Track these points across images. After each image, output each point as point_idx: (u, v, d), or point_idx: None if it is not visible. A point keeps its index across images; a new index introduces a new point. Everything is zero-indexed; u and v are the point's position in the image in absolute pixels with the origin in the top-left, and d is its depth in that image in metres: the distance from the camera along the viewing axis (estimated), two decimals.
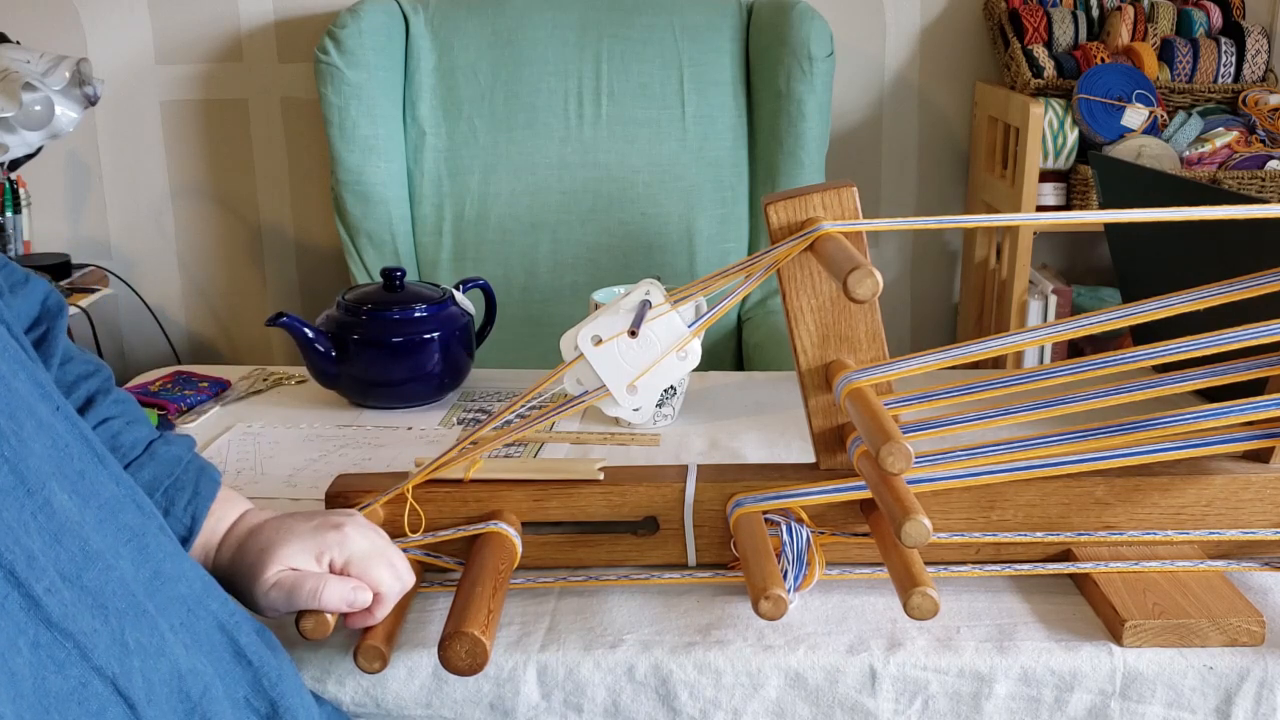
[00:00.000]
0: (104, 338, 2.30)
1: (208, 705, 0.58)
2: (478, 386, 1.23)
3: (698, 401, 1.16)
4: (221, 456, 1.06)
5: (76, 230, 2.30)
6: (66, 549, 0.55)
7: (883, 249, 2.36)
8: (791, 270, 0.78)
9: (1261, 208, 0.80)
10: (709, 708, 0.73)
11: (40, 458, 0.56)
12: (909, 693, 0.73)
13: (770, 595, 0.69)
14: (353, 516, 0.75)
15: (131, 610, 0.56)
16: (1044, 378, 0.76)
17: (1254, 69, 2.08)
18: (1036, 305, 2.06)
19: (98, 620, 0.54)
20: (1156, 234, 1.09)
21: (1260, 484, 0.79)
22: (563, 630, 0.76)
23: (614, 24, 1.96)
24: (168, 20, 2.20)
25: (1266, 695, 0.72)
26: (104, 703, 0.53)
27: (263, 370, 1.28)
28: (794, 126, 1.89)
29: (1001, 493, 0.79)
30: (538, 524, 0.82)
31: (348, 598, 0.71)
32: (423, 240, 1.95)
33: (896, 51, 2.24)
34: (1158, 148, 1.97)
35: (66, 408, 0.62)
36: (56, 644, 0.52)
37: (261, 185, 2.29)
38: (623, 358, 0.76)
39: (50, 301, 0.74)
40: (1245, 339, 0.73)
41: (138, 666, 0.55)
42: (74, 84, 1.76)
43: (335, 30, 1.87)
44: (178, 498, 0.73)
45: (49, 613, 0.52)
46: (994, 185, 2.13)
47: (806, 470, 0.82)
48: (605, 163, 1.94)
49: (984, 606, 0.78)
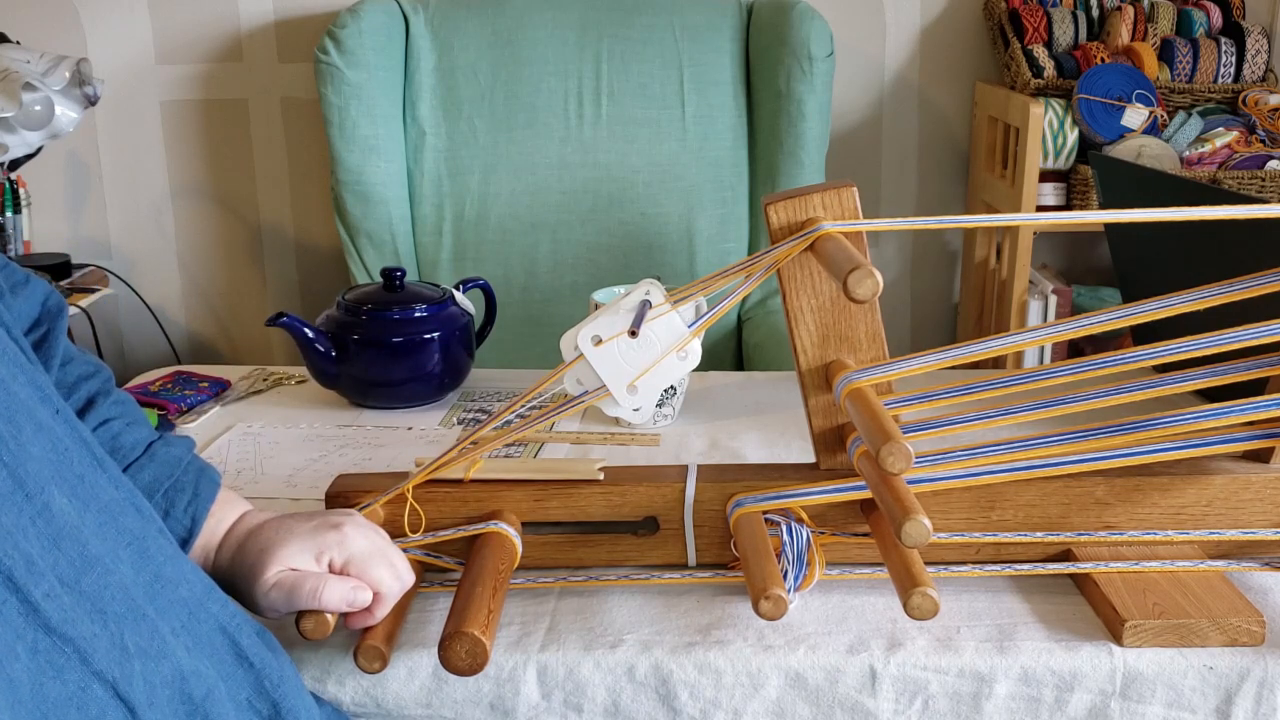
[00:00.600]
0: (104, 338, 2.30)
1: (210, 707, 0.58)
2: (478, 386, 1.23)
3: (698, 401, 1.16)
4: (221, 456, 1.06)
5: (76, 230, 2.30)
6: (65, 553, 0.54)
7: (883, 249, 2.36)
8: (791, 270, 0.78)
9: (1261, 208, 0.80)
10: (709, 708, 0.73)
11: (39, 461, 0.56)
12: (909, 693, 0.73)
13: (770, 595, 0.69)
14: (352, 516, 0.75)
15: (131, 614, 0.56)
16: (1044, 378, 0.76)
17: (1254, 69, 2.08)
18: (1036, 305, 2.06)
19: (97, 625, 0.54)
20: (1156, 234, 1.09)
21: (1260, 484, 0.79)
22: (563, 630, 0.76)
23: (614, 24, 1.96)
24: (168, 20, 2.20)
25: (1266, 695, 0.72)
26: (104, 707, 0.53)
27: (263, 370, 1.28)
28: (794, 126, 1.89)
29: (1001, 493, 0.79)
30: (538, 524, 0.82)
31: (348, 597, 0.71)
32: (423, 240, 1.95)
33: (896, 51, 2.24)
34: (1158, 148, 1.97)
35: (66, 411, 0.62)
36: (56, 649, 0.52)
37: (261, 185, 2.29)
38: (623, 358, 0.76)
39: (50, 302, 0.74)
40: (1245, 339, 0.73)
41: (138, 670, 0.55)
42: (74, 84, 1.76)
43: (335, 30, 1.87)
44: (178, 499, 0.73)
45: (48, 618, 0.52)
46: (994, 185, 2.13)
47: (806, 470, 0.82)
48: (605, 163, 1.94)
49: (984, 606, 0.78)
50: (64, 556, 0.54)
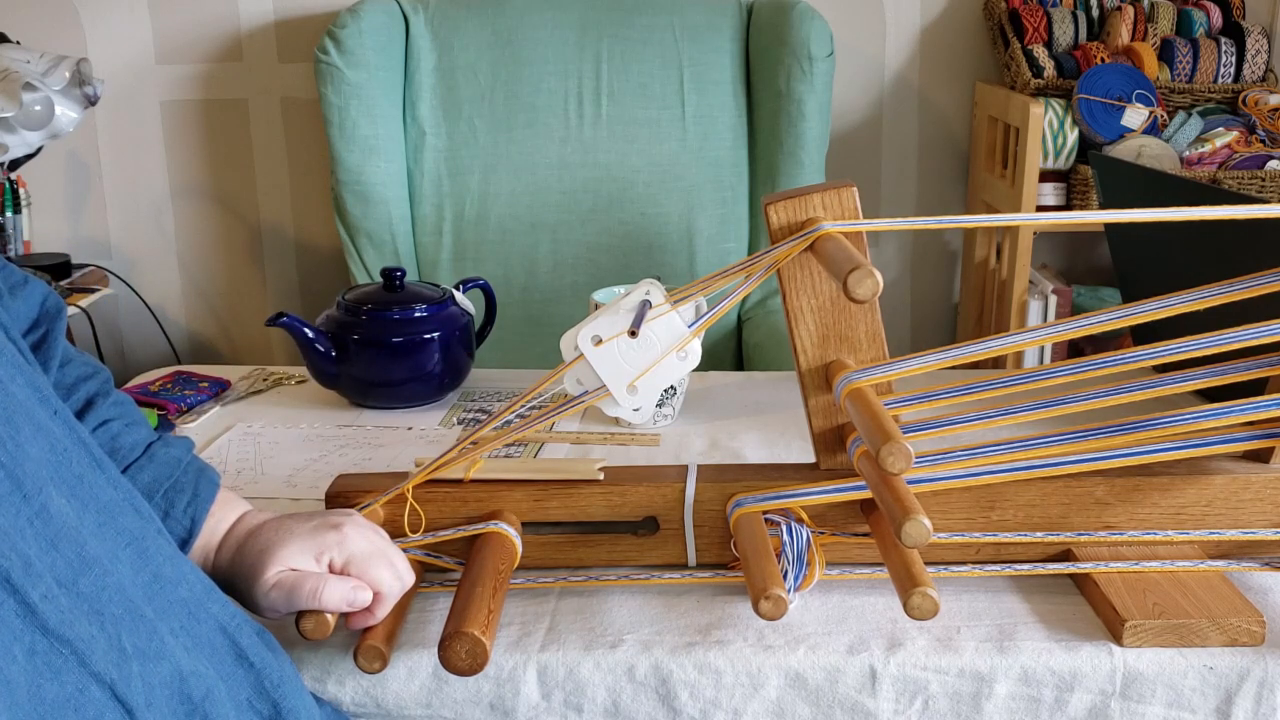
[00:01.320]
0: (104, 338, 2.30)
1: (210, 708, 0.58)
2: (478, 386, 1.23)
3: (698, 401, 1.16)
4: (221, 456, 1.06)
5: (76, 230, 2.30)
6: (63, 554, 0.54)
7: (883, 249, 2.36)
8: (791, 270, 0.78)
9: (1261, 208, 0.80)
10: (709, 708, 0.73)
11: (37, 462, 0.56)
12: (909, 693, 0.73)
13: (770, 595, 0.69)
14: (352, 516, 0.75)
15: (129, 615, 0.56)
16: (1044, 378, 0.76)
17: (1254, 69, 2.08)
18: (1036, 305, 2.06)
19: (94, 626, 0.54)
20: (1156, 234, 1.09)
21: (1260, 484, 0.79)
22: (563, 630, 0.76)
23: (614, 24, 1.96)
24: (168, 20, 2.20)
25: (1266, 695, 0.72)
26: (101, 709, 0.52)
27: (263, 370, 1.28)
28: (794, 126, 1.89)
29: (1001, 493, 0.79)
30: (538, 524, 0.82)
31: (348, 597, 0.71)
32: (423, 240, 1.95)
33: (896, 51, 2.24)
34: (1158, 148, 1.97)
35: (65, 412, 0.62)
36: (53, 650, 0.51)
37: (261, 185, 2.29)
38: (623, 358, 0.76)
39: (49, 303, 0.74)
40: (1245, 339, 0.73)
41: (136, 671, 0.55)
42: (74, 84, 1.76)
43: (335, 30, 1.87)
44: (177, 500, 0.73)
45: (45, 619, 0.51)
46: (994, 185, 2.13)
47: (806, 470, 0.82)
48: (605, 163, 1.94)
49: (984, 606, 0.78)
50: (62, 557, 0.54)
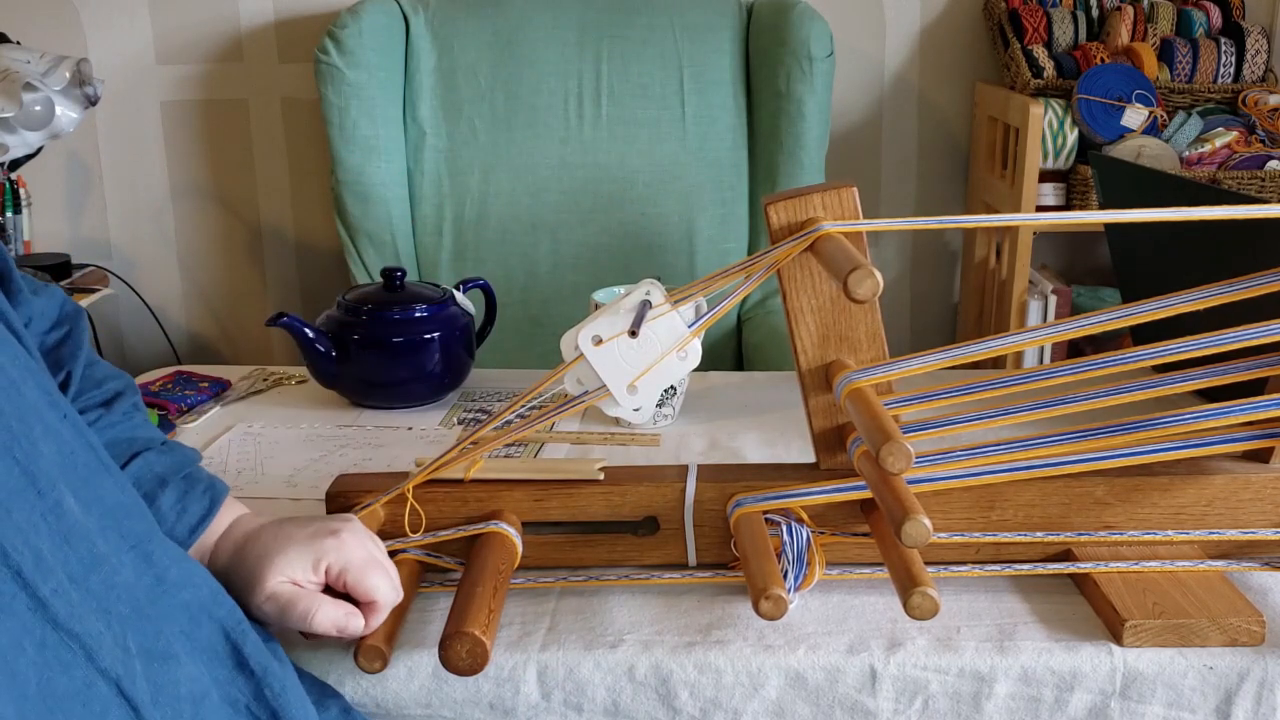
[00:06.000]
0: (104, 338, 2.30)
1: (208, 711, 0.59)
2: (478, 386, 1.23)
3: (698, 401, 1.16)
4: (221, 456, 1.06)
5: (76, 230, 2.30)
6: (76, 551, 0.55)
7: (883, 249, 2.36)
8: (791, 270, 0.78)
9: (1261, 208, 0.80)
10: (709, 708, 0.73)
11: (49, 461, 0.57)
12: (909, 693, 0.73)
13: (770, 595, 0.69)
14: (350, 523, 0.75)
15: (135, 615, 0.57)
16: (1044, 378, 0.76)
17: (1254, 69, 2.08)
18: (1036, 305, 2.06)
19: (101, 623, 0.54)
20: (1156, 234, 1.09)
21: (1260, 484, 0.79)
22: (563, 630, 0.76)
23: (614, 24, 1.96)
24: (168, 20, 2.20)
25: (1266, 695, 0.72)
26: (107, 704, 0.53)
27: (263, 370, 1.28)
28: (794, 126, 1.89)
29: (1001, 493, 0.79)
30: (538, 524, 0.82)
31: (339, 624, 0.70)
32: (423, 240, 1.95)
33: (896, 51, 2.24)
34: (1157, 148, 1.97)
35: (73, 415, 0.63)
36: (63, 645, 0.52)
37: (261, 185, 2.29)
38: (623, 358, 0.76)
39: (68, 306, 0.78)
40: (1245, 339, 0.73)
41: (140, 671, 0.55)
42: (74, 84, 1.76)
43: (335, 30, 1.87)
44: (197, 482, 0.75)
45: (55, 613, 0.52)
46: (994, 185, 2.13)
47: (806, 470, 0.82)
48: (605, 163, 1.94)
49: (984, 606, 0.78)
50: (74, 554, 0.55)
